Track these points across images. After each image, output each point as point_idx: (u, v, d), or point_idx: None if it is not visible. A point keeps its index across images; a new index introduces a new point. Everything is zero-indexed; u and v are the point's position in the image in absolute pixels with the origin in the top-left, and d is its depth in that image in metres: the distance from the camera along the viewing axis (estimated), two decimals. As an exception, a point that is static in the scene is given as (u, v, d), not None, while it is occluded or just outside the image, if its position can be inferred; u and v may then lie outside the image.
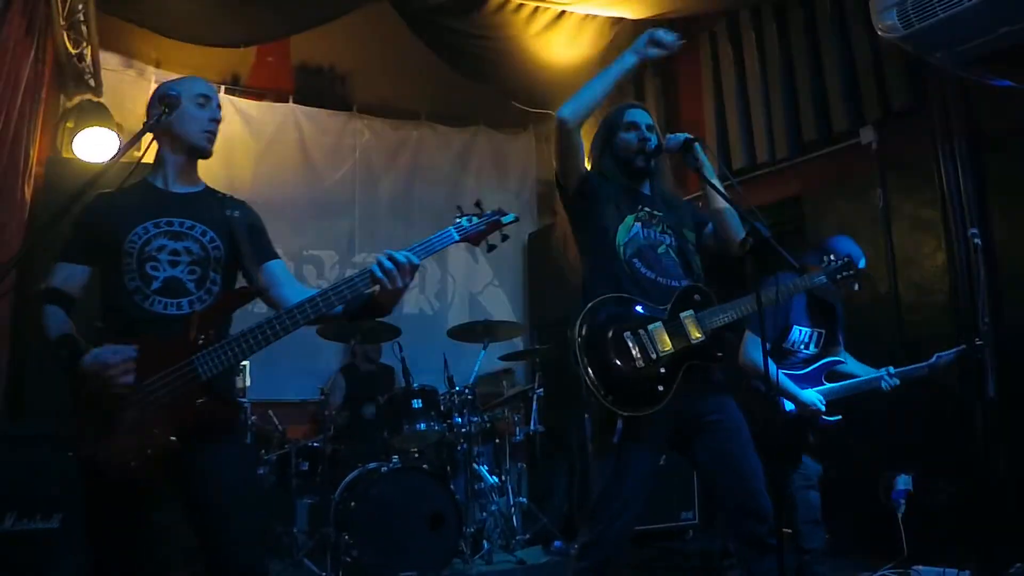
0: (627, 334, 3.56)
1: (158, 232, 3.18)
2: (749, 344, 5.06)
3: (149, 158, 3.40)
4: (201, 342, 3.00)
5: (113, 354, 2.89)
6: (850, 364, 5.36)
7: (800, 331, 5.28)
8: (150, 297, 3.10)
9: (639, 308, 3.65)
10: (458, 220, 3.32)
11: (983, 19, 5.34)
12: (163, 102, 3.19)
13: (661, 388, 3.52)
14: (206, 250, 3.24)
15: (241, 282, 3.45)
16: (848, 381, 5.24)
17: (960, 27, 5.43)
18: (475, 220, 3.31)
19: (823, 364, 5.22)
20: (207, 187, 3.50)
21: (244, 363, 7.17)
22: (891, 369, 5.22)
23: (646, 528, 6.66)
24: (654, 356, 3.54)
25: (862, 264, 4.90)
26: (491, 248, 3.34)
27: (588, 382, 3.54)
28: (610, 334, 3.58)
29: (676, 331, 3.61)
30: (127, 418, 2.87)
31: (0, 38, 4.97)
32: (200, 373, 2.95)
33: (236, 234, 3.33)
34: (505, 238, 3.37)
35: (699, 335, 3.63)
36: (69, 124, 7.03)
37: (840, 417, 5.10)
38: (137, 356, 2.91)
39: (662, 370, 3.55)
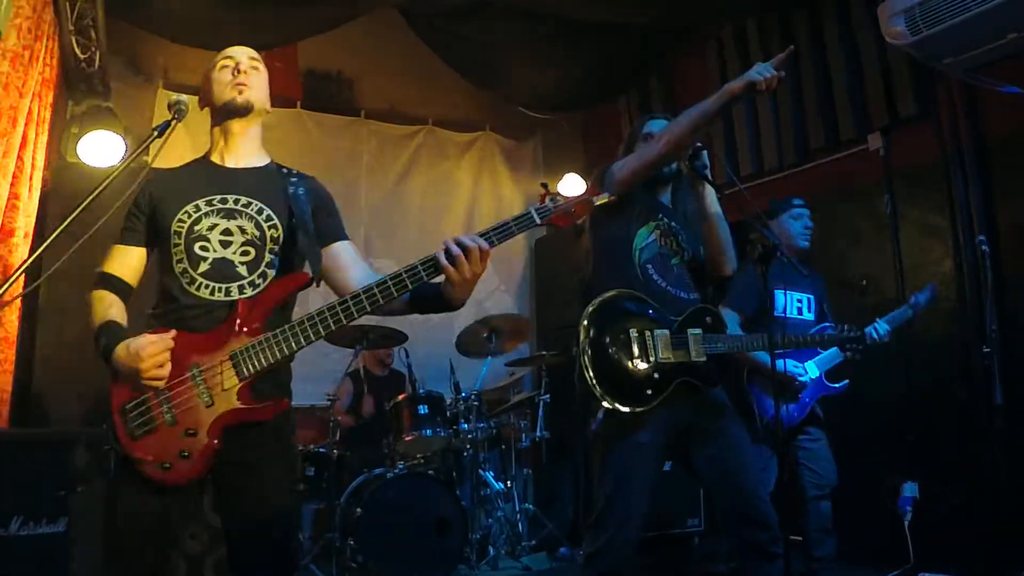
0: (633, 331, 3.58)
1: (210, 210, 3.02)
2: (726, 319, 5.05)
3: (162, 162, 3.25)
4: (245, 332, 2.83)
5: (148, 343, 2.72)
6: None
7: (787, 295, 5.29)
8: (196, 281, 2.93)
9: (650, 310, 3.67)
10: (542, 202, 2.95)
11: (991, 25, 5.32)
12: (171, 108, 3.05)
13: (650, 392, 3.55)
14: (261, 229, 3.04)
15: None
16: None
17: (968, 33, 5.41)
18: (560, 200, 2.94)
19: (816, 331, 5.22)
20: (272, 162, 3.33)
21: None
22: (878, 320, 5.21)
23: (652, 535, 6.65)
24: (652, 359, 3.56)
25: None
26: (579, 232, 3.26)
27: (582, 367, 3.56)
28: (616, 325, 3.60)
29: (680, 344, 3.63)
30: (165, 416, 2.74)
31: (8, 44, 4.98)
32: (239, 370, 2.78)
33: (297, 212, 3.10)
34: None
35: (700, 355, 3.64)
36: (74, 129, 7.03)
37: (847, 382, 5.09)
38: (174, 346, 2.76)
39: (655, 375, 3.57)
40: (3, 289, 2.86)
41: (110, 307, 2.94)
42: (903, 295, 6.38)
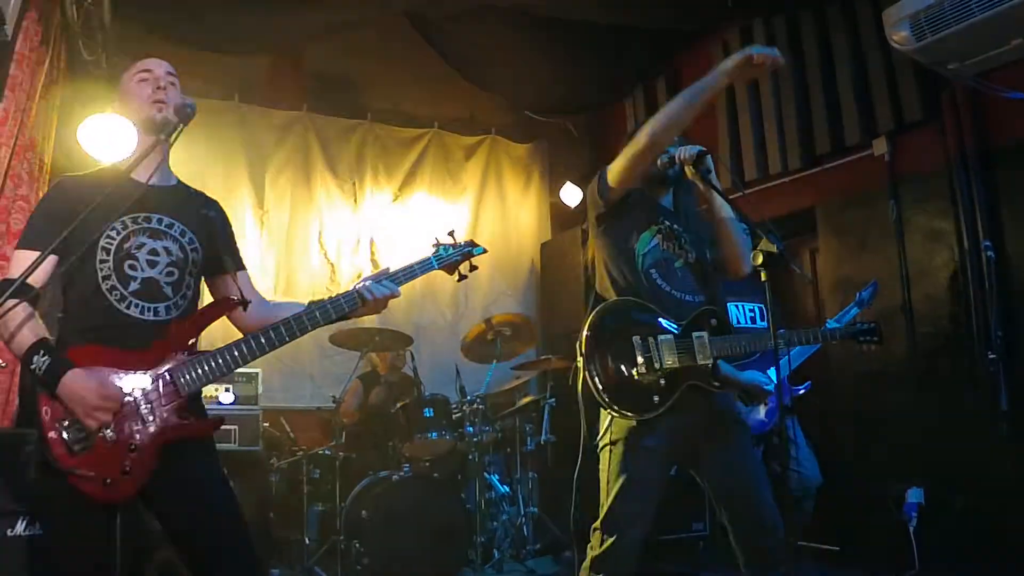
0: (636, 338, 3.56)
1: (137, 228, 3.02)
2: None
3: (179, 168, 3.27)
4: (182, 354, 2.91)
5: (104, 387, 2.73)
6: None
7: (739, 307, 5.31)
8: (127, 299, 2.93)
9: (653, 316, 3.65)
10: (435, 249, 3.54)
11: (996, 31, 5.33)
12: (178, 112, 3.05)
13: (656, 399, 3.53)
14: (185, 251, 3.09)
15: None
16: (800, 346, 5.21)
17: (973, 39, 5.42)
18: (451, 250, 3.55)
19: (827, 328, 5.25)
20: (180, 182, 3.32)
21: (256, 370, 7.20)
22: (829, 322, 5.27)
23: (657, 539, 6.65)
24: (657, 366, 3.54)
25: None
26: (462, 277, 3.60)
27: (587, 375, 3.57)
28: (619, 334, 3.59)
29: (685, 348, 3.60)
30: (106, 433, 2.72)
31: (15, 47, 5.00)
32: (181, 386, 2.86)
33: (215, 237, 3.21)
34: (474, 268, 3.58)
35: (706, 359, 3.63)
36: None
37: (808, 384, 5.11)
38: (119, 399, 2.75)
39: (662, 381, 3.55)
40: (9, 292, 2.86)
41: (33, 321, 2.85)
42: (909, 301, 6.39)
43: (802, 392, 5.26)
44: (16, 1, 4.48)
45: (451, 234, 3.60)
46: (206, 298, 3.30)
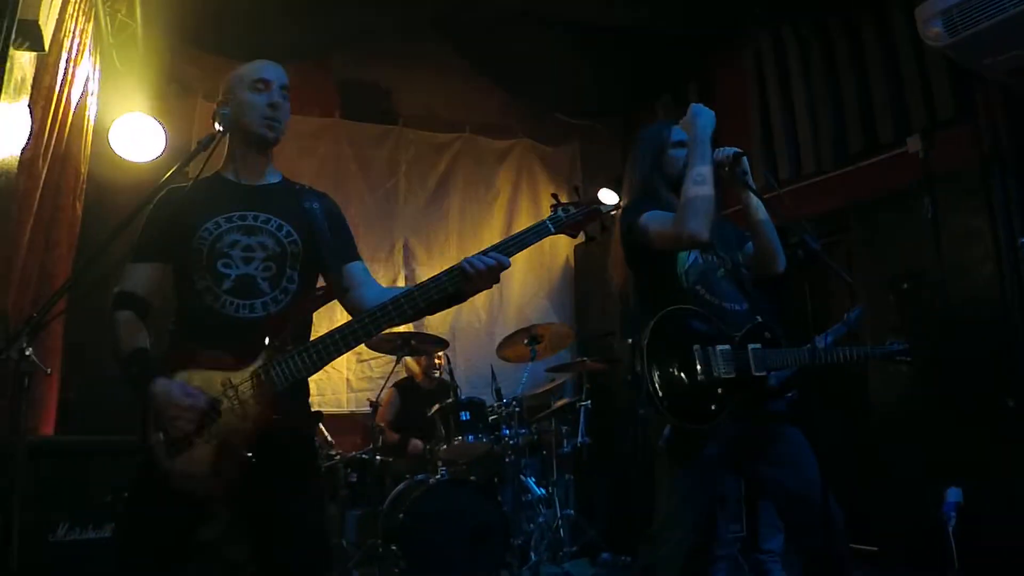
0: (696, 347, 3.57)
1: (230, 227, 3.03)
2: None
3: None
4: (276, 347, 2.86)
5: (184, 396, 2.74)
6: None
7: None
8: (221, 297, 2.95)
9: (710, 326, 3.65)
10: (554, 211, 3.18)
11: (1029, 27, 5.30)
12: (217, 119, 3.08)
13: (714, 407, 3.53)
14: (282, 245, 3.08)
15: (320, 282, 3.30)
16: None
17: (1006, 34, 5.38)
18: (571, 211, 3.17)
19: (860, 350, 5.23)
20: (284, 178, 3.38)
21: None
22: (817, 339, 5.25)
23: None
24: (715, 375, 3.55)
25: None
26: (590, 239, 3.32)
27: (648, 385, 3.52)
28: (678, 343, 3.59)
29: (741, 359, 3.61)
30: (200, 432, 2.75)
31: (51, 59, 5.05)
32: (275, 382, 2.82)
33: (315, 228, 3.18)
34: (604, 228, 3.31)
35: (760, 370, 3.63)
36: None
37: (793, 392, 5.08)
38: (200, 406, 2.75)
39: (719, 390, 3.55)
40: (52, 303, 2.90)
41: (136, 332, 2.95)
42: (946, 298, 6.35)
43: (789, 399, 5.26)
44: (52, 14, 4.53)
45: (576, 190, 3.37)
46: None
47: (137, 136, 6.73)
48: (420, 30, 8.37)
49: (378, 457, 6.85)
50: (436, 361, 8.13)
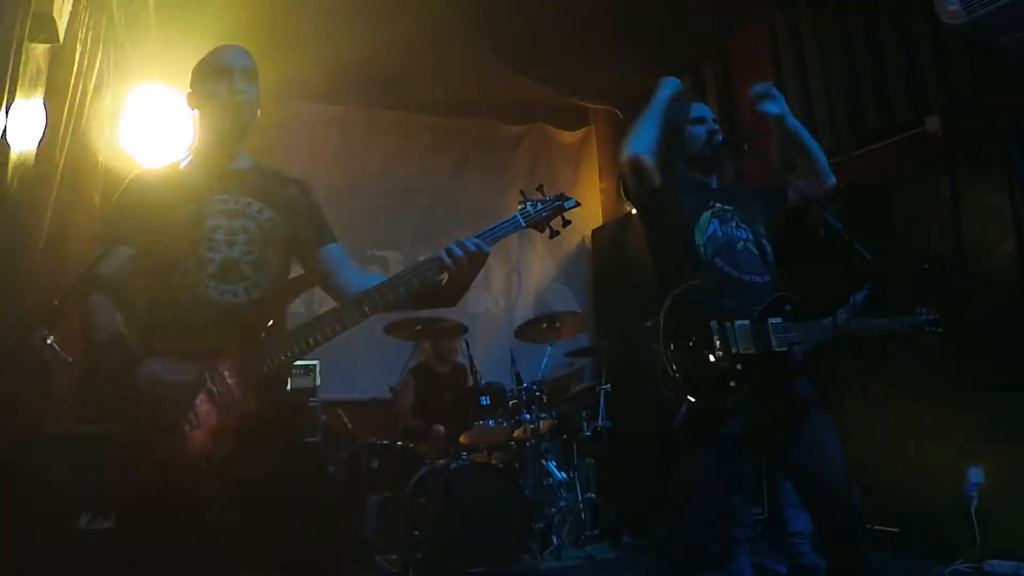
0: (713, 323, 3.55)
1: (212, 211, 3.01)
2: None
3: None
4: (264, 333, 2.84)
5: (171, 381, 2.73)
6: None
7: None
8: (205, 281, 2.92)
9: (728, 301, 3.63)
10: (522, 206, 3.24)
11: (1047, 3, 5.27)
12: (190, 102, 3.12)
13: (733, 384, 3.51)
14: (263, 229, 3.07)
15: (296, 268, 3.26)
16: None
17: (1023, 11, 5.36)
18: (539, 206, 3.24)
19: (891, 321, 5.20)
20: (258, 162, 3.34)
21: (314, 362, 7.27)
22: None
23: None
24: (734, 351, 3.52)
25: None
26: (554, 234, 3.28)
27: (665, 361, 3.50)
28: (696, 319, 3.57)
29: (761, 334, 3.59)
30: (188, 418, 2.71)
31: (66, 51, 5.07)
32: (258, 368, 2.78)
33: (293, 212, 3.18)
34: (567, 223, 3.32)
35: (782, 345, 3.61)
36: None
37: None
38: (184, 393, 2.72)
39: (738, 366, 3.52)
40: (73, 291, 2.90)
41: (111, 315, 2.88)
42: (966, 277, 6.32)
43: None
44: (66, 6, 4.54)
45: (540, 188, 3.39)
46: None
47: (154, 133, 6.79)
48: (436, 13, 8.35)
49: (398, 443, 6.86)
50: (454, 346, 8.15)
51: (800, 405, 3.69)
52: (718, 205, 3.88)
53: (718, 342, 3.52)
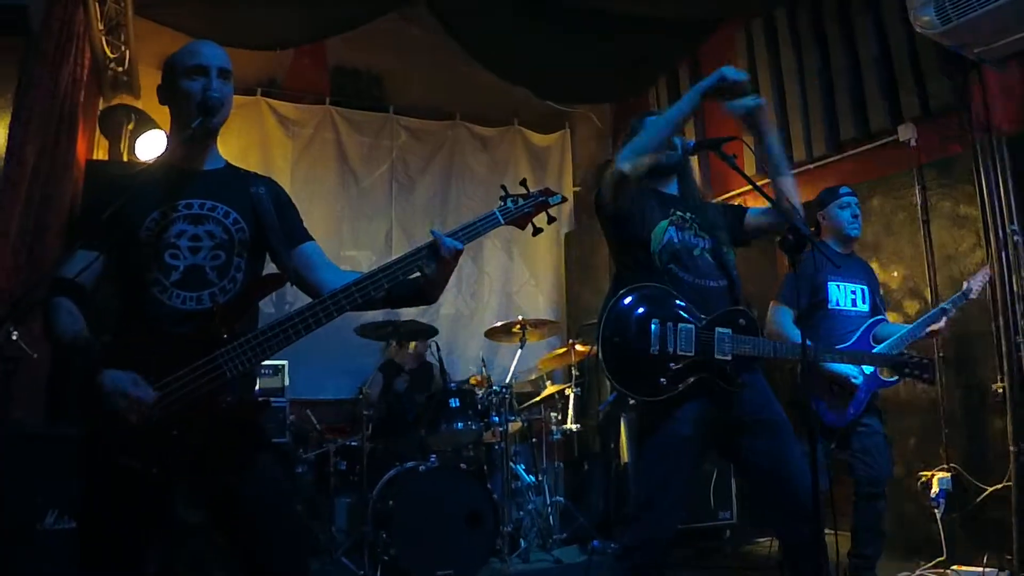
0: (655, 321, 3.56)
1: (176, 216, 2.93)
2: (780, 315, 5.07)
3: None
4: (225, 337, 2.79)
5: (134, 388, 2.63)
6: (892, 325, 5.31)
7: (842, 287, 5.24)
8: (169, 290, 2.86)
9: (677, 305, 3.64)
10: (503, 202, 3.17)
11: (1021, 14, 5.30)
12: (202, 107, 2.97)
13: (663, 381, 3.53)
14: (229, 233, 2.99)
15: (270, 267, 3.16)
16: (899, 332, 5.11)
17: (998, 22, 5.39)
18: (520, 202, 3.17)
19: (868, 326, 5.19)
20: (228, 164, 3.24)
21: (283, 363, 7.23)
22: (945, 305, 5.22)
23: (684, 527, 6.66)
24: (671, 350, 3.54)
25: None
26: (537, 231, 3.20)
27: (600, 352, 3.58)
28: (637, 315, 3.59)
29: (705, 340, 3.61)
30: (150, 423, 2.64)
31: (41, 45, 5.02)
32: (226, 371, 2.74)
33: (262, 213, 3.08)
34: (552, 220, 3.26)
35: (725, 355, 3.62)
36: (130, 126, 7.15)
37: (897, 379, 4.99)
38: (151, 396, 2.64)
39: (672, 365, 3.54)
40: (38, 286, 2.85)
41: (75, 319, 2.82)
42: (935, 286, 6.36)
43: (894, 382, 5.19)
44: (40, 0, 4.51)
45: (523, 183, 3.30)
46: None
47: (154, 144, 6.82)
48: (413, 17, 8.34)
49: (367, 444, 6.84)
50: (423, 348, 8.15)
51: (760, 408, 3.70)
52: (677, 213, 3.88)
53: (654, 339, 3.54)
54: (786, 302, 5.11)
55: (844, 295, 5.27)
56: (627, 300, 3.64)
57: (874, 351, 5.01)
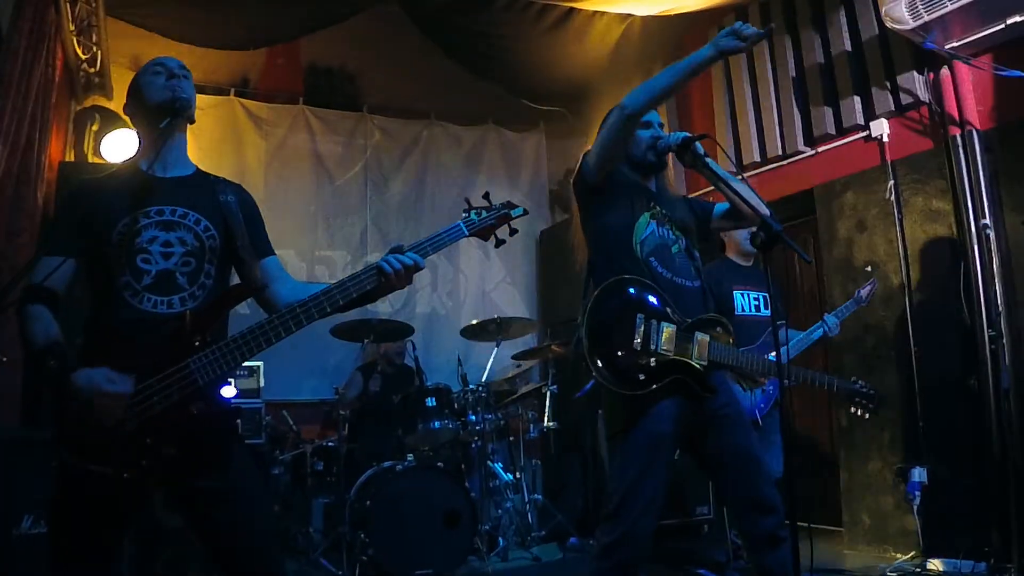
0: (640, 316, 3.57)
1: (148, 222, 2.96)
2: None
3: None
4: (197, 344, 2.81)
5: (108, 382, 2.67)
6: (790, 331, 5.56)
7: (745, 295, 5.40)
8: (140, 294, 2.88)
9: (662, 303, 3.66)
10: (467, 214, 3.26)
11: (991, 10, 5.34)
12: (172, 107, 3.04)
13: (642, 378, 3.53)
14: (200, 240, 3.03)
15: (234, 277, 3.23)
16: (795, 339, 5.44)
17: (968, 18, 5.43)
18: (484, 214, 3.27)
19: (770, 331, 5.30)
20: (198, 170, 3.27)
21: (258, 364, 7.21)
22: (827, 316, 5.51)
23: (662, 522, 6.66)
24: (652, 348, 3.54)
25: None
26: (499, 243, 3.25)
27: (583, 339, 3.59)
28: (623, 308, 3.60)
29: (684, 342, 3.61)
30: (120, 428, 2.66)
31: (11, 46, 4.99)
32: (198, 378, 2.76)
33: (231, 222, 3.13)
34: (514, 232, 3.30)
35: (702, 360, 3.63)
36: (94, 127, 7.09)
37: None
38: (126, 398, 2.67)
39: (652, 362, 3.54)
40: (10, 289, 2.84)
41: (49, 325, 2.84)
42: (908, 280, 6.39)
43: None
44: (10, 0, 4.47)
45: (486, 196, 3.38)
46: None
47: (121, 145, 6.77)
48: (387, 16, 8.32)
49: (344, 445, 6.82)
50: (400, 347, 8.13)
51: (721, 403, 3.72)
52: (657, 208, 3.90)
53: (639, 334, 3.54)
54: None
55: (748, 302, 5.48)
56: (616, 288, 3.65)
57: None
